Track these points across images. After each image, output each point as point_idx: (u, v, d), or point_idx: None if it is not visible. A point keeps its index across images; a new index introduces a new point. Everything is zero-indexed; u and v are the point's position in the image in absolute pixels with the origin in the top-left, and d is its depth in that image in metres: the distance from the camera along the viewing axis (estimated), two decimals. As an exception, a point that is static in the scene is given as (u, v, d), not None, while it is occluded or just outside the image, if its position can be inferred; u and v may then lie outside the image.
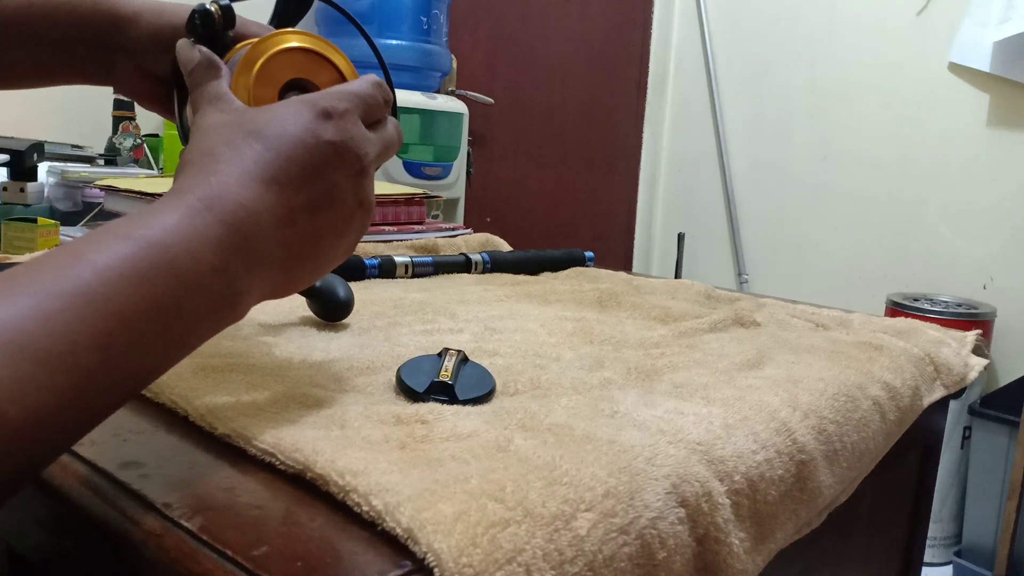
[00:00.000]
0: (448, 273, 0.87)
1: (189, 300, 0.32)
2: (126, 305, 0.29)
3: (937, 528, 2.06)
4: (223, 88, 0.41)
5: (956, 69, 2.23)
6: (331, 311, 0.61)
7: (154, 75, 0.51)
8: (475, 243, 1.03)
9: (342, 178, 0.39)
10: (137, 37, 0.50)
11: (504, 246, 1.03)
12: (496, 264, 0.91)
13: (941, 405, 0.70)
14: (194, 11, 0.45)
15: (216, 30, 0.45)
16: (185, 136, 0.48)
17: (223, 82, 0.42)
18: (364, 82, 0.42)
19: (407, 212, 1.07)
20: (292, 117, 0.38)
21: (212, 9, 0.44)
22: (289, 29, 0.45)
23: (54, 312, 0.27)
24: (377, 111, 0.42)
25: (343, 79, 0.45)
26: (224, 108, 0.40)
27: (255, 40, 0.44)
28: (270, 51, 0.43)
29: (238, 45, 0.46)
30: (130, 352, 0.30)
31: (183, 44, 0.45)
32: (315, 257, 0.39)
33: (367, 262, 0.81)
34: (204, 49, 0.43)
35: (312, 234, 0.38)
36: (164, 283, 0.31)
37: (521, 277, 0.90)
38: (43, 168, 1.05)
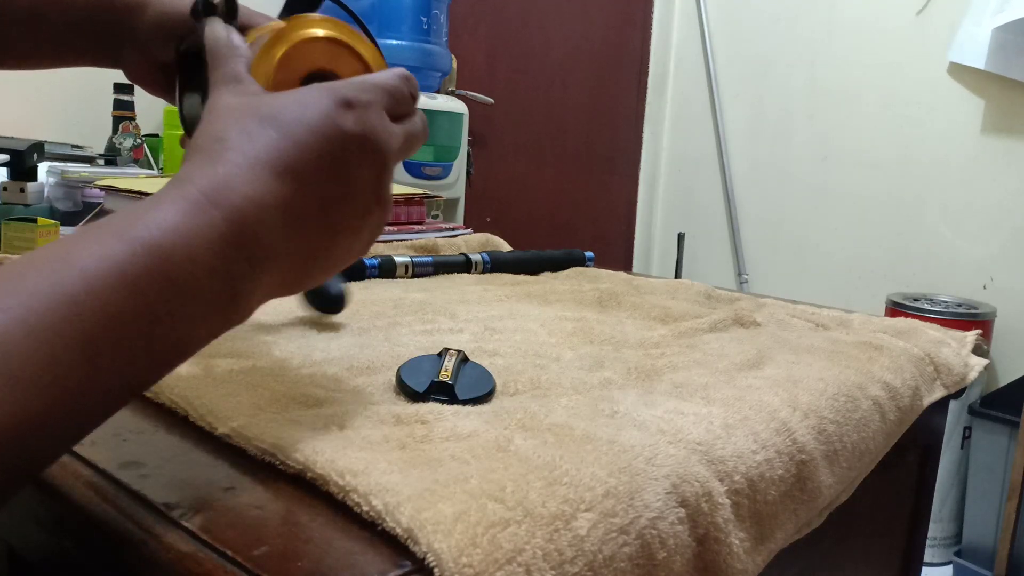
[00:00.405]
0: (448, 273, 0.87)
1: (184, 306, 0.30)
2: (114, 314, 0.28)
3: (937, 528, 2.06)
4: (241, 70, 0.39)
5: (956, 70, 2.23)
6: (325, 304, 0.61)
7: (160, 62, 0.51)
8: (475, 243, 1.03)
9: (361, 173, 0.36)
10: (145, 24, 0.50)
11: (504, 246, 1.03)
12: (496, 264, 0.91)
13: (941, 405, 0.70)
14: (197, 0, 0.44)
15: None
16: (185, 124, 0.47)
17: (242, 64, 0.39)
18: (391, 74, 0.39)
19: (407, 212, 1.07)
20: (312, 104, 0.36)
21: None
22: (316, 16, 0.42)
23: (36, 323, 0.26)
24: (403, 104, 0.39)
25: (369, 72, 0.42)
26: (240, 91, 0.38)
27: (281, 25, 0.42)
28: (295, 38, 0.41)
29: (262, 27, 0.44)
30: (119, 362, 0.29)
31: (213, 21, 0.43)
32: (327, 256, 0.37)
33: (367, 262, 0.81)
34: (232, 28, 0.41)
35: (325, 232, 0.36)
36: (157, 289, 0.29)
37: (521, 277, 0.90)
38: (43, 168, 1.05)
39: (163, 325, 0.30)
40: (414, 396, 0.45)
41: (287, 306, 0.65)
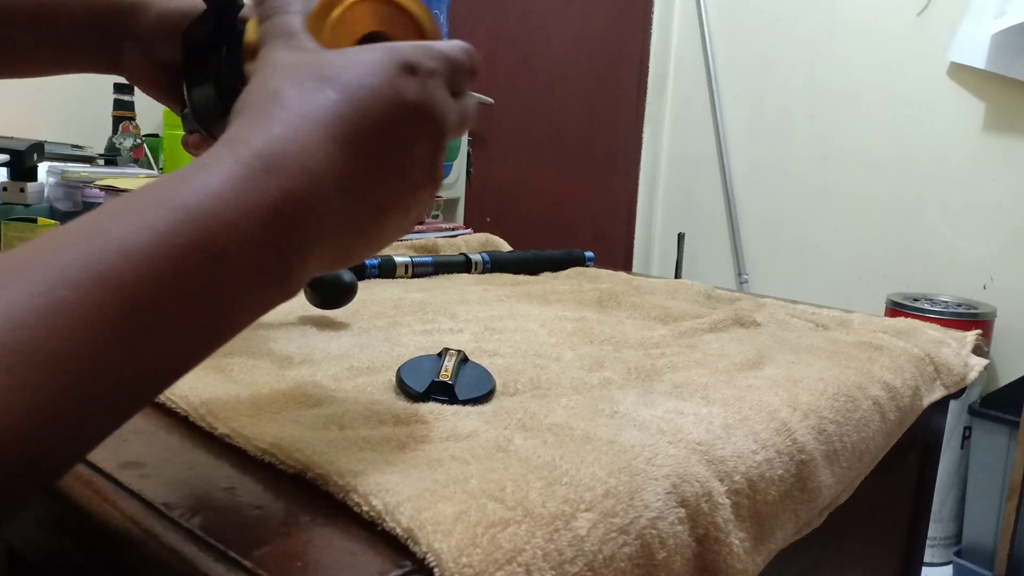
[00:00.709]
0: (448, 273, 0.87)
1: (232, 281, 0.28)
2: (154, 289, 0.26)
3: (937, 528, 2.06)
4: (297, 24, 0.36)
5: (956, 70, 2.23)
6: (334, 295, 0.60)
7: (161, 62, 0.51)
8: (475, 243, 1.03)
9: (417, 146, 0.34)
10: (147, 24, 0.50)
11: (504, 246, 1.03)
12: (496, 264, 0.91)
13: (941, 405, 0.70)
14: None
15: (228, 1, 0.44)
16: (197, 115, 0.47)
17: (296, 18, 0.37)
18: (455, 45, 0.37)
19: (407, 212, 1.06)
20: (374, 66, 0.33)
21: None
22: None
23: (63, 304, 0.24)
24: (464, 79, 0.37)
25: (424, 39, 0.40)
26: (295, 45, 0.35)
27: None
28: None
29: None
30: (157, 344, 0.26)
31: None
32: (377, 233, 0.35)
33: (367, 262, 0.81)
34: None
35: (377, 206, 0.34)
36: (202, 262, 0.27)
37: (521, 277, 0.90)
38: (43, 168, 1.05)
39: (207, 302, 0.28)
40: (414, 396, 0.45)
41: (287, 305, 0.65)
